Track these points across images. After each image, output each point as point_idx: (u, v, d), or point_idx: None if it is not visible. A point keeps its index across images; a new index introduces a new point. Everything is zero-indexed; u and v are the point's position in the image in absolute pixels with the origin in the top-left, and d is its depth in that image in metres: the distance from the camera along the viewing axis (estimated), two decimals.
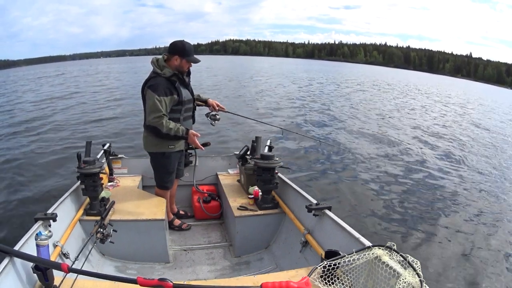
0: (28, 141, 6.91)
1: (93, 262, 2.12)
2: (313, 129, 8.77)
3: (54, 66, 57.41)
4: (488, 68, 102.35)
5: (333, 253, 1.52)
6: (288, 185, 2.54)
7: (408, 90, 25.08)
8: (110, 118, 9.29)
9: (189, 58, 2.36)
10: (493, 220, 4.31)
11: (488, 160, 7.39)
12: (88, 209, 2.28)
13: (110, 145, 2.96)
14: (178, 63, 2.34)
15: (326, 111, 11.50)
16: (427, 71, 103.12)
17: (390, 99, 17.27)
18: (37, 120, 9.13)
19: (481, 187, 5.54)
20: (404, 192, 5.00)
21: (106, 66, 47.75)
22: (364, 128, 9.28)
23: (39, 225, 1.74)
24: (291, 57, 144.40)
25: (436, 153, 7.48)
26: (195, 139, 2.32)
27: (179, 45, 2.35)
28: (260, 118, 8.65)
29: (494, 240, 3.82)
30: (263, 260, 2.45)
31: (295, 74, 29.76)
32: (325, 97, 15.91)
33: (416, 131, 9.63)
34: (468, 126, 11.52)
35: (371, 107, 13.48)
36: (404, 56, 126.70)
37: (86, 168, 2.18)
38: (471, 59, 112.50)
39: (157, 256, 2.37)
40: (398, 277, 1.28)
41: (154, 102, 2.23)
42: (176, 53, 2.33)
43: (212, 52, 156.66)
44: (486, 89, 51.64)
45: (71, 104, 11.92)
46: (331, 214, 1.96)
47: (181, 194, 3.16)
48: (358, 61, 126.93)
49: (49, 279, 1.38)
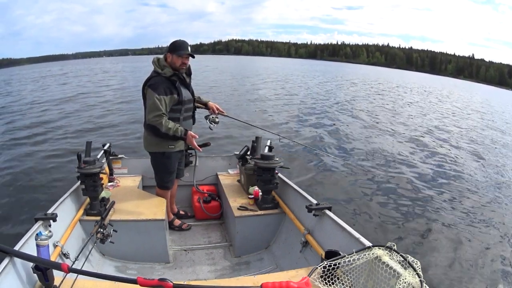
0: (28, 141, 6.92)
1: (93, 262, 2.12)
2: (316, 133, 8.68)
3: (58, 64, 56.73)
4: (490, 69, 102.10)
5: (333, 253, 1.52)
6: (288, 185, 2.54)
7: (413, 90, 25.10)
8: (120, 122, 9.08)
9: (178, 52, 2.34)
10: (495, 221, 4.29)
11: (496, 163, 7.34)
12: (88, 209, 2.28)
13: (110, 145, 2.97)
14: (170, 60, 2.36)
15: (328, 117, 11.37)
16: (429, 72, 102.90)
17: (393, 99, 17.28)
18: (37, 120, 9.14)
19: (483, 187, 5.52)
20: (404, 192, 4.98)
21: (115, 65, 47.07)
22: (372, 128, 9.27)
23: (39, 225, 1.74)
24: (294, 57, 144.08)
25: (437, 153, 7.45)
26: (193, 140, 2.32)
27: (172, 42, 2.38)
28: (260, 121, 8.69)
29: (495, 240, 3.80)
30: (263, 260, 2.45)
31: (298, 76, 29.57)
32: (324, 97, 15.88)
33: (416, 131, 9.62)
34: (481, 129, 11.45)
35: (377, 108, 13.48)
36: (407, 57, 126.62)
37: (86, 168, 2.18)
38: (473, 61, 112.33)
39: (157, 256, 2.36)
40: (398, 277, 1.27)
41: (154, 101, 2.23)
42: (169, 50, 2.36)
43: (214, 51, 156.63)
44: (493, 91, 51.32)
45: (73, 104, 11.93)
46: (331, 214, 1.95)
47: (181, 194, 3.16)
48: (360, 62, 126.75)
49: (49, 279, 1.38)
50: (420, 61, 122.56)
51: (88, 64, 51.45)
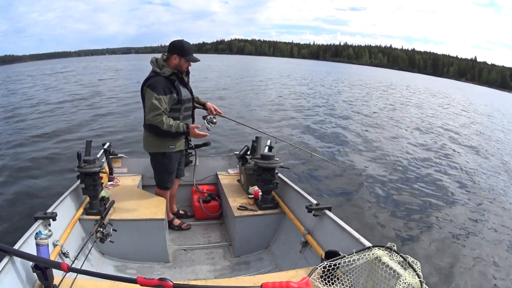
0: (29, 141, 6.91)
1: (93, 261, 2.12)
2: (316, 133, 8.68)
3: (61, 62, 56.63)
4: (492, 72, 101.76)
5: (333, 254, 1.52)
6: (288, 185, 2.54)
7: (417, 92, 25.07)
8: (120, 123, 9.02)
9: (188, 57, 2.37)
10: (496, 222, 4.27)
11: (500, 164, 7.30)
12: (88, 208, 2.28)
13: (110, 144, 2.97)
14: (177, 62, 2.35)
15: (334, 119, 11.32)
16: (431, 74, 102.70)
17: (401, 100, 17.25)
18: (38, 120, 9.13)
19: (484, 188, 5.49)
20: (404, 192, 4.96)
21: (124, 63, 46.51)
22: (369, 131, 9.24)
23: (39, 224, 1.74)
24: (296, 57, 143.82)
25: (438, 153, 7.44)
26: (196, 130, 2.35)
27: (178, 44, 2.36)
28: (260, 120, 8.67)
29: (495, 240, 3.79)
30: (263, 260, 2.44)
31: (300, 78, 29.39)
32: (326, 98, 15.87)
33: (417, 131, 9.60)
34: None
35: (380, 109, 13.46)
36: (409, 59, 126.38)
37: (86, 167, 2.18)
38: (475, 63, 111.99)
39: (157, 256, 2.36)
40: (398, 277, 1.27)
41: (153, 101, 2.23)
42: (175, 52, 2.34)
43: (217, 51, 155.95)
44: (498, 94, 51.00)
45: (73, 103, 11.86)
46: (331, 215, 1.95)
47: (181, 194, 3.16)
48: (362, 63, 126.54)
49: (48, 279, 1.38)
50: (423, 63, 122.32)
51: (94, 62, 51.16)
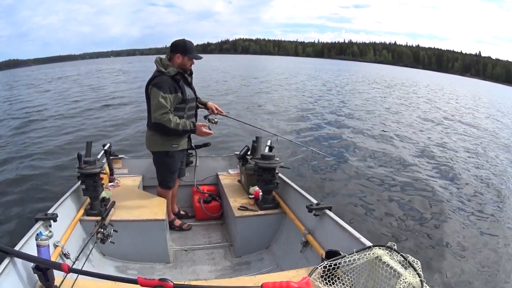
0: (29, 141, 6.97)
1: (93, 262, 2.12)
2: (316, 133, 8.62)
3: (66, 65, 56.73)
4: (496, 67, 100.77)
5: (333, 253, 1.51)
6: (289, 185, 2.53)
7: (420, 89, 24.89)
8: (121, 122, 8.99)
9: (191, 55, 2.40)
10: (496, 221, 4.22)
11: (499, 164, 7.21)
12: (88, 209, 2.29)
13: (110, 145, 2.98)
14: (180, 61, 2.37)
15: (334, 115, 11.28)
16: (436, 70, 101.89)
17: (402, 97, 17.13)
18: (38, 119, 9.18)
19: (485, 188, 5.43)
20: (404, 192, 4.91)
21: (134, 64, 45.91)
22: (370, 129, 9.19)
23: (39, 225, 1.75)
24: (301, 56, 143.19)
25: (438, 153, 7.34)
26: (203, 128, 2.41)
27: (180, 43, 2.39)
28: (260, 120, 8.65)
29: (496, 240, 3.74)
30: (264, 260, 2.44)
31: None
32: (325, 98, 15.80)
33: (417, 131, 9.52)
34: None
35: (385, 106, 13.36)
36: (414, 55, 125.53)
37: (87, 168, 2.19)
38: (480, 58, 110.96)
39: (158, 256, 2.37)
40: (399, 277, 1.27)
41: (160, 99, 2.25)
42: (178, 51, 2.36)
43: (221, 51, 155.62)
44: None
45: (73, 104, 11.93)
46: (331, 214, 1.94)
47: (182, 194, 3.16)
48: (367, 60, 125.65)
49: (49, 279, 1.38)
50: (427, 59, 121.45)
51: (99, 64, 51.27)
